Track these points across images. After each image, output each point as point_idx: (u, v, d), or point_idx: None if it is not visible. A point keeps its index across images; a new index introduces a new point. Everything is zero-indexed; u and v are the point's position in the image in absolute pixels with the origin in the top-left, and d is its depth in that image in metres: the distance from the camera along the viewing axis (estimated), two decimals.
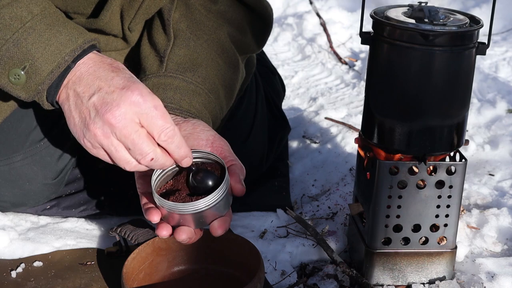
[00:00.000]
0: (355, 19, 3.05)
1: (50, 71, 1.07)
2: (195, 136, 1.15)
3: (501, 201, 1.59)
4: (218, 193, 1.06)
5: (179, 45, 1.32)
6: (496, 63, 2.56)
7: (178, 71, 1.29)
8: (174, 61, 1.30)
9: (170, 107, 1.22)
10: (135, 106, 1.03)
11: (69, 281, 1.28)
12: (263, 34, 1.50)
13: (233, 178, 1.11)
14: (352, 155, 1.80)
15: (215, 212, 1.08)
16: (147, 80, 1.28)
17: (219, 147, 1.15)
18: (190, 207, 1.06)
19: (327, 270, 1.33)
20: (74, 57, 1.08)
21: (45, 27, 1.09)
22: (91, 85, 1.06)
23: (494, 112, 2.10)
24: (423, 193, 1.23)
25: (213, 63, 1.33)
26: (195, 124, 1.18)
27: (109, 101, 1.04)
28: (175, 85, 1.26)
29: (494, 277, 1.30)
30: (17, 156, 1.37)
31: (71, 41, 1.09)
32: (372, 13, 1.21)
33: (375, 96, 1.24)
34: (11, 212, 1.49)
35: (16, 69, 1.08)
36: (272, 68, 1.85)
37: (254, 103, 1.63)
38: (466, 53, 1.17)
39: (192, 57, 1.31)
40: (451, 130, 1.21)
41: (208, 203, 1.06)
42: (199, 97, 1.27)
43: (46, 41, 1.08)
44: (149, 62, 1.32)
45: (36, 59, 1.07)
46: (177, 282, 1.25)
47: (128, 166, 1.07)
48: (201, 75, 1.30)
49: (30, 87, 1.09)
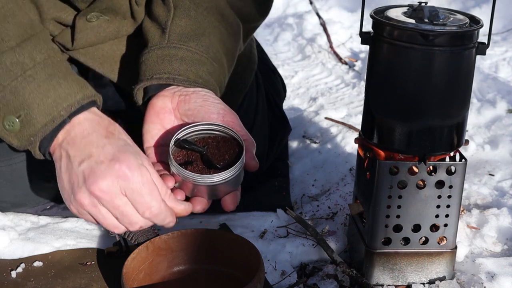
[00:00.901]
0: (355, 19, 3.05)
1: (45, 124, 1.06)
2: (205, 109, 1.15)
3: (501, 201, 1.59)
4: (234, 169, 1.09)
5: (179, 15, 1.30)
6: (496, 63, 2.56)
7: (181, 41, 1.26)
8: (176, 31, 1.28)
9: (179, 79, 1.21)
10: (122, 180, 1.03)
11: (69, 281, 1.28)
12: (264, 1, 1.48)
13: (247, 154, 1.12)
14: (352, 155, 1.80)
15: (229, 186, 1.11)
16: (150, 52, 1.26)
17: (230, 121, 1.15)
18: (206, 179, 1.08)
19: (327, 270, 1.33)
20: (71, 112, 1.07)
21: (45, 77, 1.07)
22: (83, 151, 1.05)
23: (494, 112, 2.10)
24: (423, 193, 1.23)
25: (215, 31, 1.31)
26: (205, 96, 1.18)
27: (97, 172, 1.03)
28: (179, 55, 1.24)
29: (494, 277, 1.30)
30: (17, 156, 1.36)
31: (69, 95, 1.07)
32: (372, 13, 1.21)
33: (375, 96, 1.24)
34: (11, 212, 1.49)
35: (11, 116, 1.06)
36: (272, 68, 1.85)
37: (254, 103, 1.63)
38: (466, 53, 1.17)
39: (194, 26, 1.29)
40: (451, 130, 1.21)
41: (224, 177, 1.09)
42: (205, 66, 1.25)
43: (44, 92, 1.06)
44: (151, 35, 1.30)
45: (31, 110, 1.06)
46: (177, 282, 1.25)
47: (117, 230, 1.09)
48: (204, 44, 1.28)
49: (23, 137, 1.07)
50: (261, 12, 1.47)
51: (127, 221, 1.06)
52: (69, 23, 1.32)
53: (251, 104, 1.61)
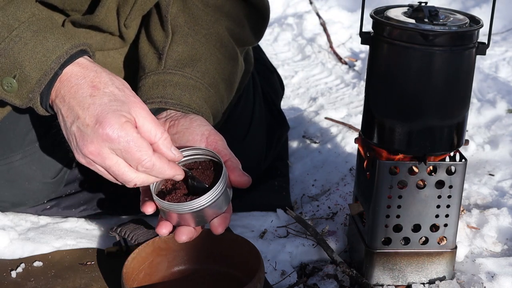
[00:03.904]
0: (355, 19, 3.05)
1: (38, 79, 1.07)
2: (190, 130, 1.16)
3: (501, 201, 1.59)
4: (214, 192, 1.07)
5: (177, 41, 1.32)
6: (496, 63, 2.56)
7: (177, 67, 1.29)
8: (173, 57, 1.30)
9: (171, 102, 1.22)
10: (108, 142, 1.04)
11: (69, 281, 1.28)
12: (260, 26, 1.50)
13: (234, 172, 1.11)
14: (352, 155, 1.80)
15: (214, 209, 1.08)
16: (147, 78, 1.28)
17: (214, 142, 1.15)
18: (186, 207, 1.07)
19: (327, 270, 1.33)
20: (61, 64, 1.08)
21: (31, 35, 1.08)
22: (71, 111, 1.06)
23: (494, 112, 2.10)
24: (423, 193, 1.23)
25: (212, 57, 1.33)
26: (192, 119, 1.18)
27: (84, 136, 1.05)
28: (174, 81, 1.27)
29: (494, 277, 1.30)
30: (15, 155, 1.37)
31: (57, 47, 1.08)
32: (372, 13, 1.21)
33: (375, 96, 1.24)
34: (11, 212, 1.49)
35: (7, 78, 1.08)
36: (270, 67, 1.85)
37: (251, 102, 1.63)
38: (466, 53, 1.17)
39: (190, 53, 1.31)
40: (451, 130, 1.21)
41: (204, 202, 1.06)
42: (199, 92, 1.27)
43: (32, 49, 1.08)
44: (148, 60, 1.32)
45: (24, 68, 1.07)
46: (177, 282, 1.25)
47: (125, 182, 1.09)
48: (200, 70, 1.30)
49: (22, 95, 1.09)
50: (257, 36, 1.51)
51: (122, 180, 1.08)
52: None
53: (248, 103, 1.61)
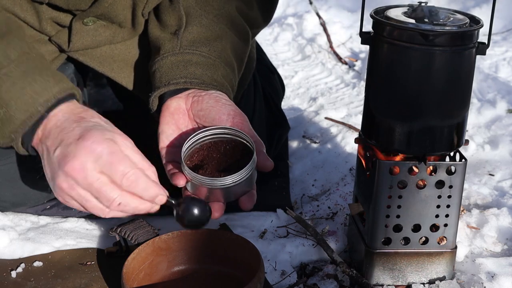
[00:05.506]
0: (355, 19, 3.05)
1: (23, 121, 1.07)
2: (216, 109, 1.17)
3: (501, 201, 1.59)
4: (246, 171, 1.11)
5: (191, 22, 1.31)
6: (496, 63, 2.56)
7: (194, 47, 1.28)
8: (188, 38, 1.29)
9: (195, 82, 1.22)
10: (92, 155, 1.03)
11: (69, 281, 1.28)
12: (269, 8, 1.50)
13: (260, 155, 1.14)
14: (352, 155, 1.80)
15: (243, 187, 1.13)
16: (164, 59, 1.27)
17: (240, 122, 1.17)
18: (218, 182, 1.11)
19: (327, 270, 1.33)
20: (48, 107, 1.07)
21: (20, 74, 1.08)
22: (56, 139, 1.06)
23: (494, 112, 2.10)
24: (423, 193, 1.23)
25: (226, 37, 1.33)
26: (217, 97, 1.19)
27: (67, 154, 1.04)
28: (194, 60, 1.26)
29: (494, 277, 1.30)
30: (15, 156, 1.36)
31: (46, 90, 1.08)
32: (372, 13, 1.21)
33: (375, 96, 1.24)
34: (11, 212, 1.49)
35: None
36: (271, 67, 1.85)
37: (252, 102, 1.63)
38: (466, 53, 1.17)
39: (206, 33, 1.31)
40: (451, 130, 1.21)
41: (236, 179, 1.11)
42: (218, 70, 1.27)
43: (20, 90, 1.07)
44: (162, 42, 1.31)
45: (10, 107, 1.07)
46: (177, 282, 1.25)
47: (103, 214, 1.08)
48: (217, 49, 1.29)
49: (4, 134, 1.09)
50: (265, 18, 1.50)
51: (104, 199, 1.05)
52: (66, 24, 1.33)
53: (249, 103, 1.61)
